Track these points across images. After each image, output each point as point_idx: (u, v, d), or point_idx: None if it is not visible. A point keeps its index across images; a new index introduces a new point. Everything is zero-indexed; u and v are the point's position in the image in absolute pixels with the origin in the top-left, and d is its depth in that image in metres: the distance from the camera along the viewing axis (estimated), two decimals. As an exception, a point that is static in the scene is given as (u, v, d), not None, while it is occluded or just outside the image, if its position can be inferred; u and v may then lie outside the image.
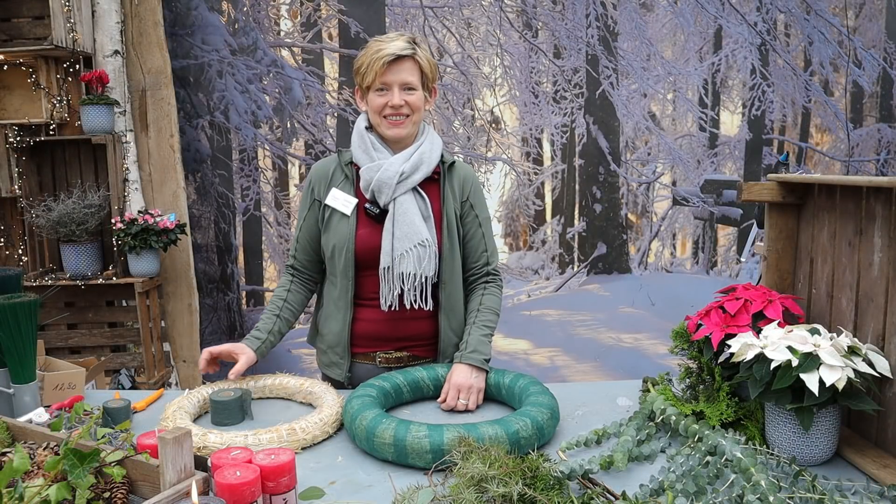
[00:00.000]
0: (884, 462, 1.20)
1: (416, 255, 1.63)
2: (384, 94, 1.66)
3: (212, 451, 1.26)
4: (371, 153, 1.69)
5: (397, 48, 1.62)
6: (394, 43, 1.63)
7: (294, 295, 1.78)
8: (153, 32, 3.21)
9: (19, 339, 1.40)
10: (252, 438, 1.30)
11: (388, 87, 1.65)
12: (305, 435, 1.35)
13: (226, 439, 1.30)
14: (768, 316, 1.35)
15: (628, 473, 1.24)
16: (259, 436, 1.31)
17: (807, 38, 3.52)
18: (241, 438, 1.30)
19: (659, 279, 3.70)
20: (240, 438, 1.30)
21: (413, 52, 1.64)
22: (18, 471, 1.04)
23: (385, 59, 1.61)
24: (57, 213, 2.98)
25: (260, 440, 1.30)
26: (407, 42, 1.64)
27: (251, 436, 1.31)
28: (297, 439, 1.34)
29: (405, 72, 1.64)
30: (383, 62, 1.61)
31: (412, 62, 1.65)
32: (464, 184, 1.77)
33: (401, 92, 1.65)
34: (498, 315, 1.75)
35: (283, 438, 1.32)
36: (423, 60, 1.66)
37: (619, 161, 3.62)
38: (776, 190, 1.52)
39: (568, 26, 3.51)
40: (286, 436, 1.33)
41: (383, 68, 1.62)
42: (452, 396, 1.54)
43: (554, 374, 3.56)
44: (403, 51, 1.62)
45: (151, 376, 3.16)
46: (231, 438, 1.30)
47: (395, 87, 1.64)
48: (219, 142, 3.46)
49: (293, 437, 1.34)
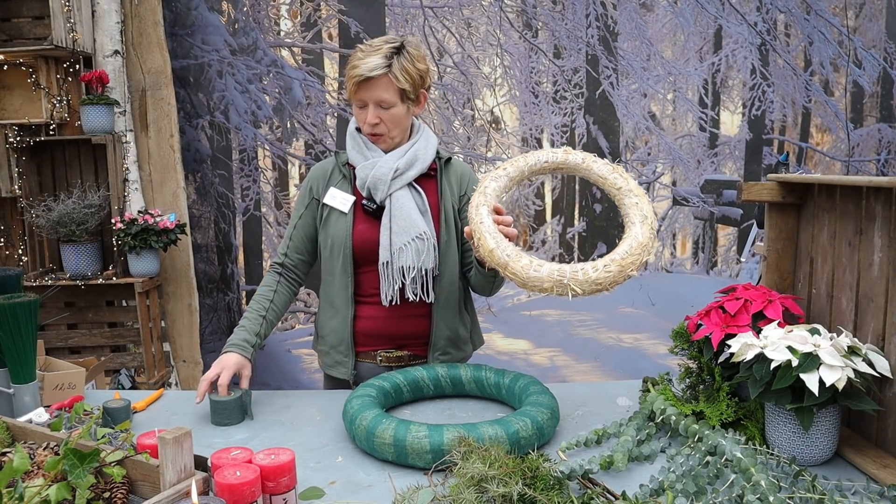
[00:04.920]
0: (884, 462, 1.20)
1: (415, 248, 1.63)
2: (362, 109, 1.66)
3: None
4: (365, 152, 1.70)
5: (368, 69, 1.58)
6: (370, 59, 1.59)
7: (279, 296, 1.76)
8: (153, 32, 3.21)
9: (19, 339, 1.40)
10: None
11: (365, 104, 1.64)
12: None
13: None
14: (768, 316, 1.34)
15: (628, 473, 1.24)
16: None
17: (807, 38, 3.52)
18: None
19: (659, 279, 3.70)
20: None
21: (387, 70, 1.59)
22: (18, 471, 1.04)
23: (356, 79, 1.60)
24: (57, 213, 2.98)
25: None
26: (384, 57, 1.59)
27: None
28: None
29: (379, 89, 1.61)
30: (354, 82, 1.61)
31: (386, 79, 1.60)
32: (461, 179, 1.77)
33: (376, 109, 1.63)
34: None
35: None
36: (401, 76, 1.61)
37: (619, 161, 3.61)
38: (776, 190, 1.52)
39: (568, 26, 3.51)
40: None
41: (356, 87, 1.62)
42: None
43: (554, 374, 3.56)
44: (374, 71, 1.58)
45: (151, 376, 3.16)
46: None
47: (370, 104, 1.63)
48: (219, 142, 3.45)
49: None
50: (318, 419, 1.53)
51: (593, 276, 1.28)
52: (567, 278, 1.27)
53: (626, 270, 1.30)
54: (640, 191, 1.40)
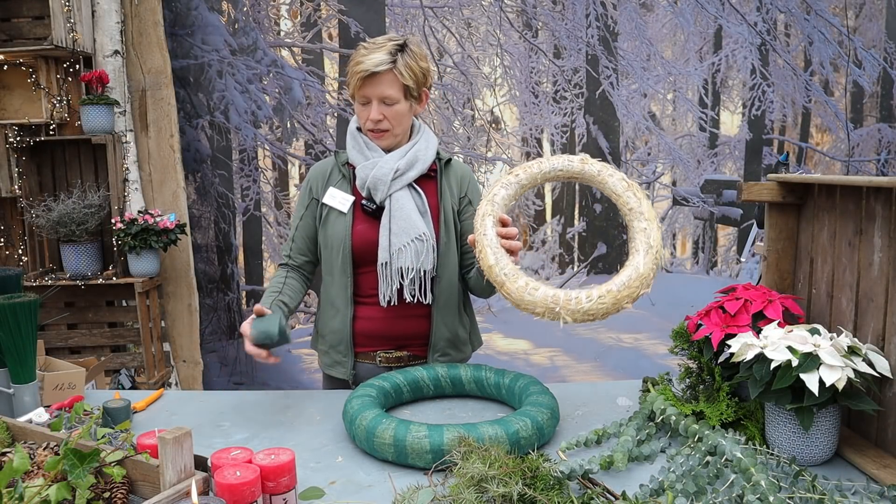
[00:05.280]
0: (884, 462, 1.20)
1: (415, 250, 1.63)
2: (365, 106, 1.65)
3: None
4: (365, 152, 1.69)
5: (373, 64, 1.58)
6: (374, 55, 1.59)
7: (291, 282, 1.73)
8: (153, 32, 3.21)
9: (19, 339, 1.40)
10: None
11: (368, 100, 1.64)
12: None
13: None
14: (768, 316, 1.34)
15: (628, 473, 1.24)
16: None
17: (807, 38, 3.52)
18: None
19: (659, 279, 3.68)
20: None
21: (391, 66, 1.60)
22: (18, 471, 1.04)
23: (360, 74, 1.59)
24: (57, 213, 2.98)
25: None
26: (388, 53, 1.60)
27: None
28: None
29: (384, 85, 1.61)
30: (359, 77, 1.60)
31: (391, 75, 1.61)
32: (461, 180, 1.77)
33: (379, 105, 1.63)
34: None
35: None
36: (405, 72, 1.61)
37: (619, 161, 3.61)
38: (776, 190, 1.52)
39: (568, 26, 3.51)
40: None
41: (360, 83, 1.61)
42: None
43: (554, 374, 3.56)
44: (379, 66, 1.58)
45: (151, 376, 3.16)
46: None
47: (374, 101, 1.63)
48: (219, 142, 3.45)
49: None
50: (318, 419, 1.53)
51: (586, 306, 1.27)
52: (559, 306, 1.27)
53: (621, 303, 1.28)
54: (652, 214, 1.36)
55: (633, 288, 1.29)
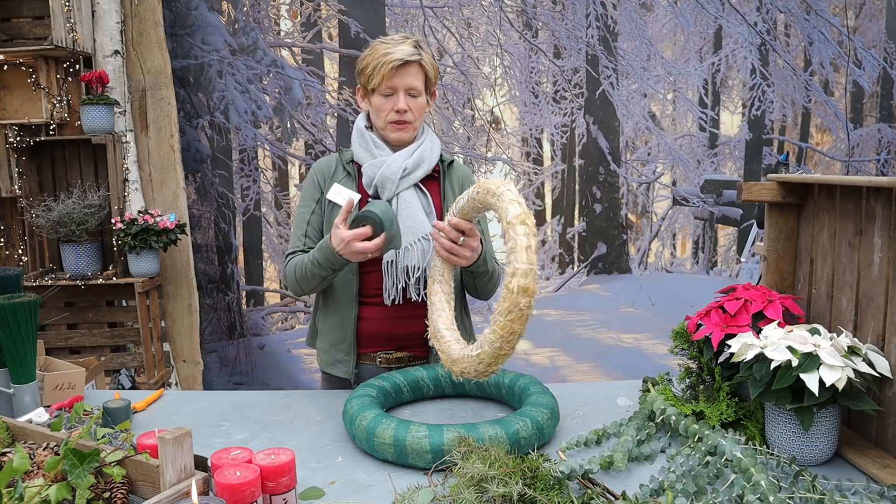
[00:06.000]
0: (884, 462, 1.20)
1: (421, 249, 1.64)
2: (389, 98, 1.66)
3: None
4: (373, 150, 1.69)
5: (405, 53, 1.62)
6: (401, 47, 1.63)
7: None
8: (153, 32, 3.21)
9: (19, 339, 1.40)
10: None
11: (395, 91, 1.65)
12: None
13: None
14: (768, 316, 1.34)
15: (628, 473, 1.24)
16: None
17: (807, 38, 3.52)
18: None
19: (659, 279, 3.70)
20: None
21: (419, 56, 1.65)
22: (18, 471, 1.04)
23: (394, 63, 1.61)
24: (57, 213, 2.98)
25: None
26: (413, 46, 1.65)
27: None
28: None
29: (411, 76, 1.65)
30: (391, 66, 1.62)
31: (418, 67, 1.65)
32: (463, 182, 1.78)
33: (406, 97, 1.66)
34: (497, 278, 1.74)
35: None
36: (428, 65, 1.67)
37: (619, 161, 3.61)
38: (776, 190, 1.52)
39: (568, 26, 3.51)
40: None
41: (391, 73, 1.63)
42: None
43: (554, 374, 3.56)
44: (411, 56, 1.63)
45: (151, 376, 3.16)
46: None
47: (400, 91, 1.65)
48: (219, 142, 3.45)
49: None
50: (318, 419, 1.53)
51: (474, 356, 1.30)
52: (455, 373, 1.33)
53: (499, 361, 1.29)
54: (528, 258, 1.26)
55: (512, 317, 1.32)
